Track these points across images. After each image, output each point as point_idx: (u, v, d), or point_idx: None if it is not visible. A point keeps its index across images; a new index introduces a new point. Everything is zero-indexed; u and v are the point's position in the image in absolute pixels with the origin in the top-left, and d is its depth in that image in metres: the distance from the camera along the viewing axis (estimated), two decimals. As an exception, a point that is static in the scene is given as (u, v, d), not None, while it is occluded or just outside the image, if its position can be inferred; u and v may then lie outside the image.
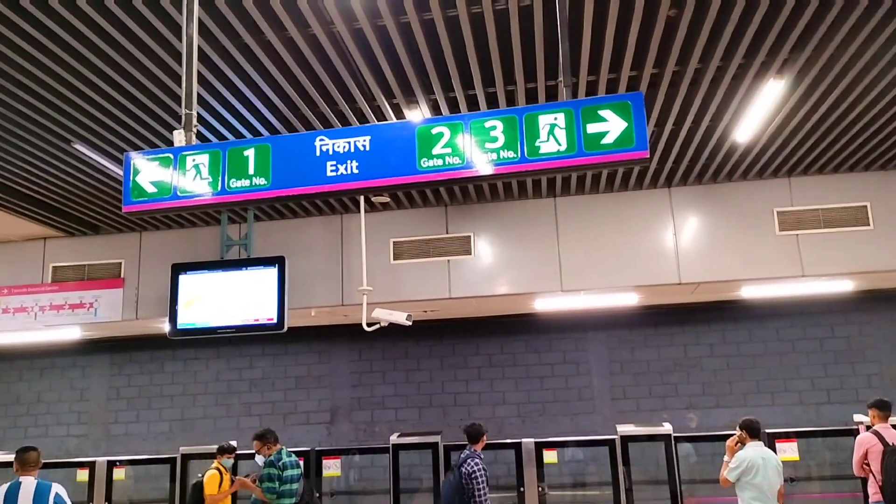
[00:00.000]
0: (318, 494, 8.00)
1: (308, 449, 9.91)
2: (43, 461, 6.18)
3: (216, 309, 9.63)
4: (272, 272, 9.58)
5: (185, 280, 9.73)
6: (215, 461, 7.83)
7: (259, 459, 7.04)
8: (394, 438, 9.93)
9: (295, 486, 6.91)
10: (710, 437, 9.78)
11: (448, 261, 9.71)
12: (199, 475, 7.94)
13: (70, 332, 10.74)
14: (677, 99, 6.90)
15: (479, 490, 6.71)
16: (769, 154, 8.49)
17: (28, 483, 5.77)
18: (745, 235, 9.23)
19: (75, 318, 10.16)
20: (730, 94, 6.87)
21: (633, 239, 9.39)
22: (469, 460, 6.84)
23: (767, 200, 9.30)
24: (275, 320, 9.50)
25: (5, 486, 5.83)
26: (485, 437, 7.26)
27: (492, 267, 9.70)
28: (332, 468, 9.74)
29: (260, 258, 9.65)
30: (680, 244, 9.32)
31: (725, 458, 6.94)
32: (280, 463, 6.84)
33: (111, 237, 10.37)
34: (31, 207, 9.17)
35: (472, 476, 6.75)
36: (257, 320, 9.58)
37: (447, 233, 9.78)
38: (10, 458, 6.30)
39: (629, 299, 10.15)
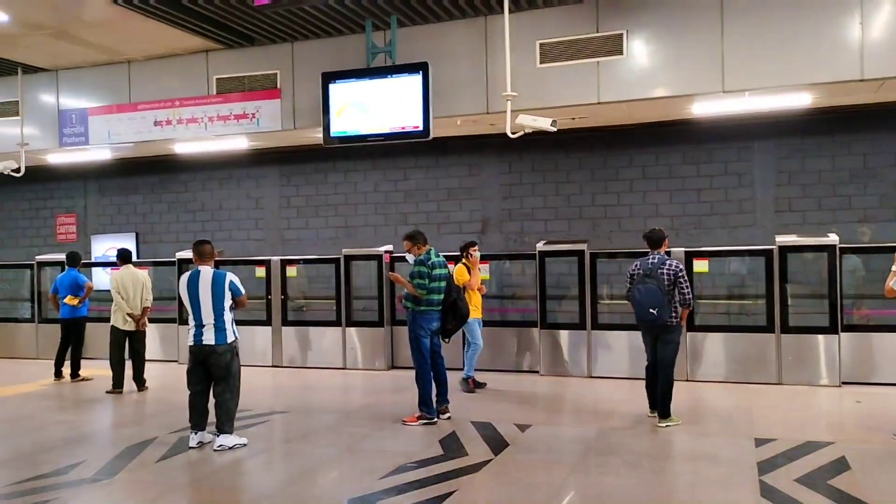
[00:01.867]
0: (464, 295, 8.39)
1: (457, 252, 10.31)
2: (227, 259, 6.84)
3: (365, 117, 9.87)
4: (416, 79, 9.55)
5: (334, 89, 9.97)
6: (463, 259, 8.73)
7: (409, 258, 7.37)
8: (540, 246, 10.06)
9: (443, 283, 7.23)
10: (881, 249, 9.04)
11: (598, 62, 9.16)
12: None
13: (238, 142, 11.50)
14: None
15: (687, 286, 6.82)
16: None
17: (206, 271, 6.46)
18: (951, 21, 7.87)
19: (240, 127, 10.82)
20: None
21: (811, 28, 8.28)
22: (667, 262, 6.83)
23: None
24: (420, 128, 9.61)
25: (187, 274, 6.58)
26: (667, 241, 7.19)
27: (645, 67, 9.05)
28: (482, 272, 10.12)
29: (404, 65, 9.61)
30: (867, 33, 8.13)
31: (893, 267, 6.40)
32: (429, 262, 7.13)
33: (266, 48, 10.69)
34: (190, 19, 9.58)
35: (680, 273, 6.77)
36: (404, 128, 9.74)
37: (597, 31, 9.14)
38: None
39: (801, 100, 9.16)
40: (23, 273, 12.94)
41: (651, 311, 6.76)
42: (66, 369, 9.94)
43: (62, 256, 11.16)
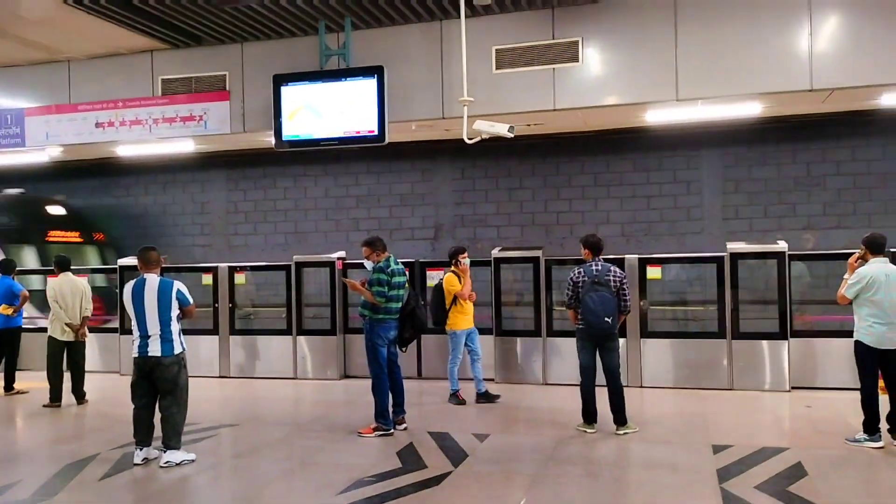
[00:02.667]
0: (422, 302, 8.25)
1: (413, 260, 10.16)
2: (173, 266, 6.55)
3: (318, 121, 9.66)
4: (371, 83, 9.40)
5: (287, 92, 9.73)
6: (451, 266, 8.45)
7: (368, 265, 7.20)
8: (495, 252, 9.99)
9: (402, 291, 7.09)
10: (827, 256, 9.26)
11: (553, 69, 9.16)
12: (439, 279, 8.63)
13: (184, 145, 11.13)
14: None
15: (629, 293, 6.94)
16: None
17: (152, 279, 6.16)
18: (893, 34, 8.11)
19: (186, 130, 10.47)
20: None
21: (762, 40, 8.44)
22: (611, 269, 6.82)
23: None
24: (376, 132, 9.45)
25: (132, 282, 6.27)
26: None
27: (601, 75, 9.09)
28: (435, 279, 9.98)
29: (358, 68, 9.46)
30: (815, 45, 8.32)
31: (846, 275, 6.53)
32: (389, 269, 6.98)
33: (214, 49, 10.36)
34: (135, 17, 9.23)
35: (624, 280, 6.80)
36: (358, 132, 9.57)
37: (553, 38, 9.15)
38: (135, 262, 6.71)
39: (751, 109, 9.35)
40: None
41: (606, 318, 6.75)
42: (0, 382, 9.44)
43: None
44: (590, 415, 6.97)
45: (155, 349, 6.02)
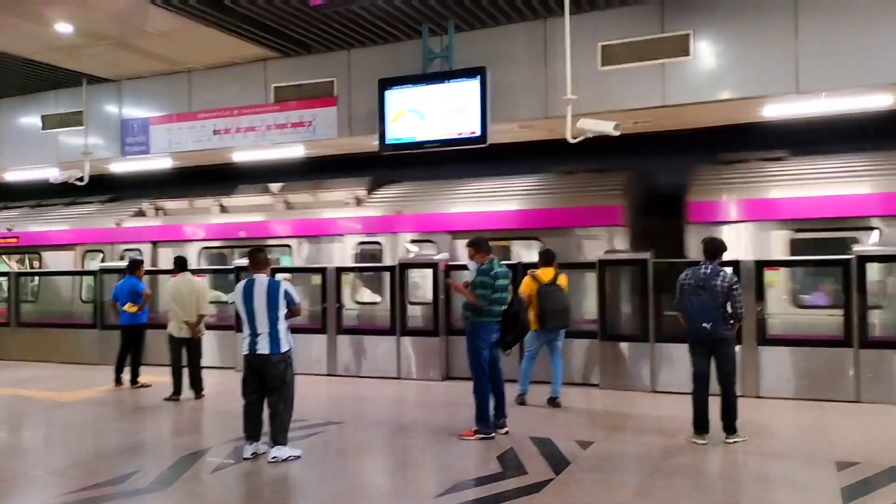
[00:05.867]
0: (525, 305, 8.14)
1: (516, 262, 10.05)
2: (283, 266, 6.79)
3: (422, 123, 9.74)
4: (474, 84, 9.39)
5: (391, 95, 9.88)
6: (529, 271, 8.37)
7: (471, 265, 7.14)
8: (601, 255, 9.71)
9: (505, 294, 7.00)
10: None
11: (662, 64, 8.84)
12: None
13: (294, 150, 11.52)
14: None
15: (741, 299, 6.58)
16: None
17: (261, 279, 6.38)
18: None
19: (297, 135, 10.84)
20: None
21: (894, 24, 7.81)
22: (721, 273, 6.51)
23: None
24: (478, 133, 9.43)
25: (243, 282, 6.52)
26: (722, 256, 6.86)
27: (713, 69, 8.69)
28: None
29: (461, 70, 9.47)
30: (957, 28, 7.63)
31: None
32: (492, 272, 6.91)
33: (323, 56, 10.68)
34: (248, 27, 9.63)
35: (734, 285, 6.48)
36: (461, 134, 9.58)
37: (662, 32, 8.82)
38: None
39: (881, 101, 8.65)
40: (87, 280, 13.18)
41: (704, 324, 6.42)
42: (126, 375, 10.05)
43: (124, 264, 11.31)
44: (701, 425, 6.63)
45: (263, 347, 6.21)
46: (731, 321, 6.61)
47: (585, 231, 10.32)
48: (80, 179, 12.34)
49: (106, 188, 14.71)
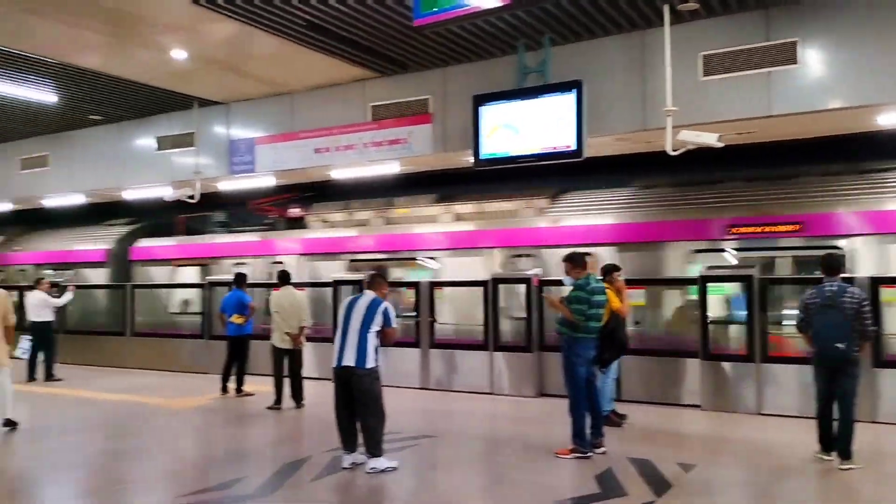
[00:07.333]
0: (623, 322, 7.97)
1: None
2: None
3: (516, 138, 9.75)
4: (570, 98, 9.33)
5: (485, 111, 9.94)
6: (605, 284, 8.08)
7: (567, 280, 7.07)
8: (702, 270, 9.41)
9: (601, 310, 6.90)
10: None
11: (768, 72, 8.51)
12: None
13: (390, 167, 11.75)
14: None
15: (871, 317, 6.27)
16: None
17: (367, 296, 6.60)
18: None
19: (393, 152, 11.07)
20: None
21: None
22: (848, 289, 6.21)
23: None
24: (573, 147, 9.35)
25: (350, 297, 6.77)
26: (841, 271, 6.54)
27: (822, 77, 8.30)
28: (632, 297, 9.65)
29: (556, 84, 9.43)
30: None
31: None
32: (589, 287, 6.82)
33: (418, 74, 10.88)
34: (348, 49, 9.94)
35: (864, 303, 6.17)
36: (556, 148, 9.52)
37: (767, 40, 8.50)
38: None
39: None
40: (196, 292, 13.83)
41: (838, 345, 6.09)
42: (232, 384, 10.46)
43: (230, 277, 11.81)
44: (827, 444, 6.33)
45: (349, 359, 6.33)
46: (861, 340, 6.26)
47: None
48: (192, 197, 13.01)
49: (211, 205, 15.35)
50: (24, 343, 12.03)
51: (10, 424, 8.06)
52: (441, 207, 12.91)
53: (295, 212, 14.66)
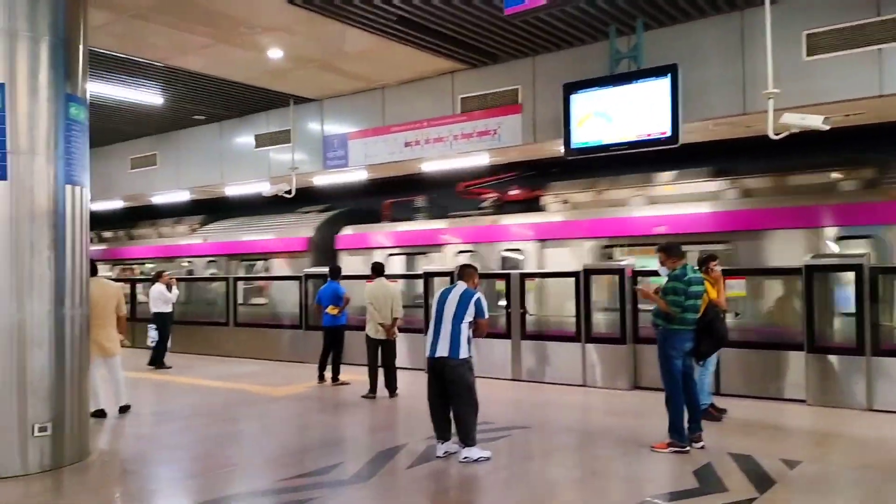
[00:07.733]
0: (722, 315, 7.70)
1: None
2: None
3: (608, 126, 9.57)
4: (664, 83, 9.07)
5: (576, 99, 9.80)
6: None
7: (662, 271, 6.90)
8: (807, 259, 8.98)
9: (699, 301, 6.70)
10: None
11: (879, 50, 8.01)
12: None
13: (479, 159, 11.77)
14: None
15: None
16: None
17: (459, 287, 6.67)
18: None
19: (482, 144, 11.08)
20: None
21: None
22: None
23: None
24: (668, 134, 9.10)
25: (443, 288, 6.86)
26: None
27: (943, 51, 7.74)
28: (734, 288, 9.30)
29: (649, 69, 9.19)
30: None
31: None
32: (685, 278, 6.63)
33: (507, 65, 10.84)
34: (438, 42, 10.01)
35: None
36: (650, 135, 9.29)
37: (878, 15, 8.00)
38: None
39: None
40: (293, 284, 14.23)
41: None
42: (328, 373, 10.77)
43: (326, 269, 12.12)
44: None
45: (443, 350, 6.41)
46: None
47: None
48: (289, 192, 13.44)
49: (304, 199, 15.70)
50: (152, 332, 12.83)
51: (124, 410, 8.60)
52: (722, 182, 11.09)
53: (516, 193, 13.47)
